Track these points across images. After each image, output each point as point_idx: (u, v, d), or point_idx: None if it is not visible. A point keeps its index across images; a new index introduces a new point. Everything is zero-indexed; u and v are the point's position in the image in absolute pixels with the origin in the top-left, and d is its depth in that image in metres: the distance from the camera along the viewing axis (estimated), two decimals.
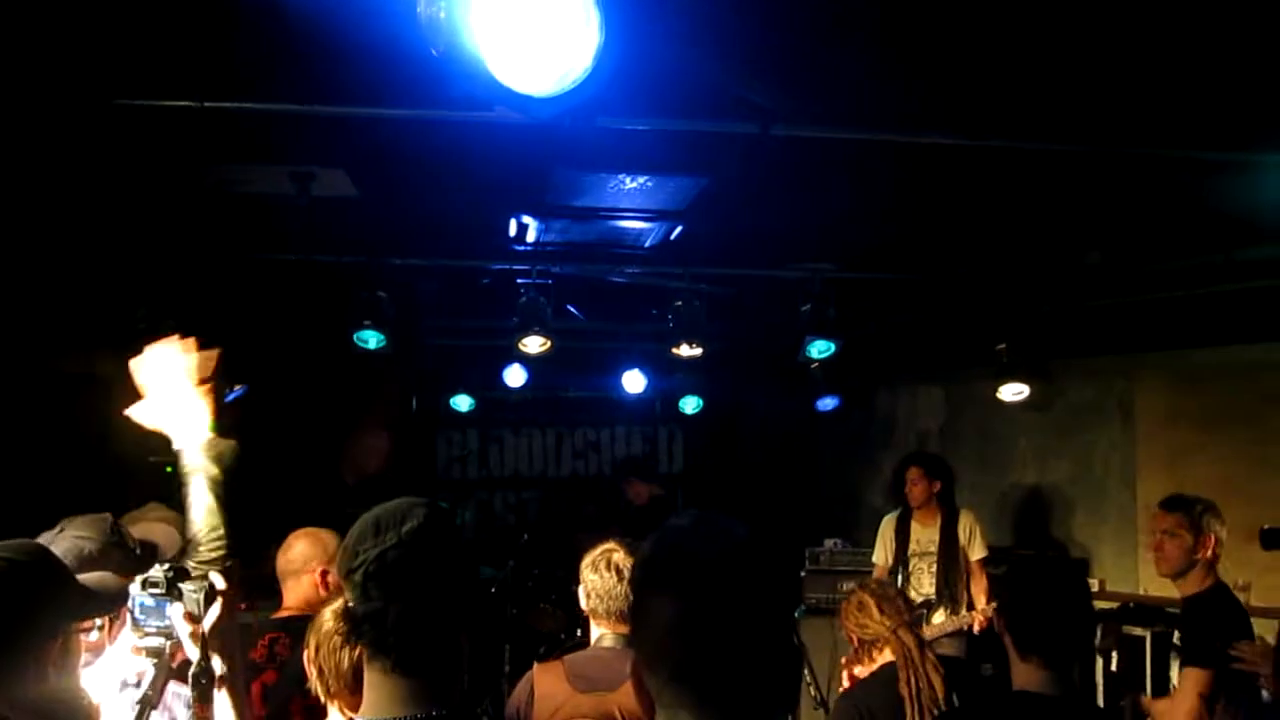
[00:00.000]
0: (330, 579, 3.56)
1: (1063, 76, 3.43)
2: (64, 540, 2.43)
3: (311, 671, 2.65)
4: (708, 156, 4.24)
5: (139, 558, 2.64)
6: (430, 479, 9.98)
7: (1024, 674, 2.63)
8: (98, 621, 2.30)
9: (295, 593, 3.63)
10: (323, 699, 2.65)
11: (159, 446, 2.68)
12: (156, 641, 2.43)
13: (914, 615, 3.53)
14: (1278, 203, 3.78)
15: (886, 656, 3.39)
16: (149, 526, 2.76)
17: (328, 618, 2.69)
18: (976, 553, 6.07)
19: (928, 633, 5.87)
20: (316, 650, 2.64)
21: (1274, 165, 3.72)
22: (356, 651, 2.59)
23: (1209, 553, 3.88)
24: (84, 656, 2.31)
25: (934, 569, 6.03)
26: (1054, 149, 3.90)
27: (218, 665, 2.39)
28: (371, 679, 1.73)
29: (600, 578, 3.12)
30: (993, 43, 3.21)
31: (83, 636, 2.17)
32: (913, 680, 3.29)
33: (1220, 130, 3.69)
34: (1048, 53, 3.25)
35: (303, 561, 3.63)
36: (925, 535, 6.13)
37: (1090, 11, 2.99)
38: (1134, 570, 6.58)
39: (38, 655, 1.92)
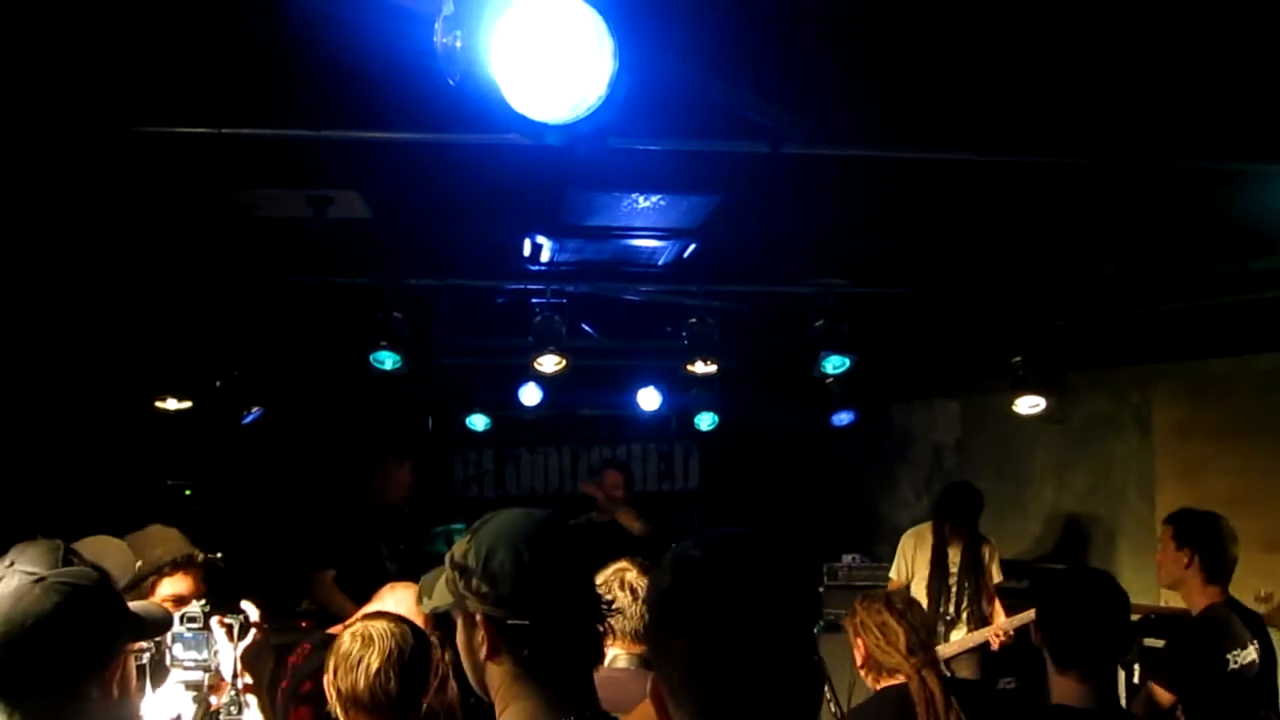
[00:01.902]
0: None
1: (1073, 90, 3.43)
2: (13, 576, 2.39)
3: (331, 694, 2.68)
4: (720, 174, 4.26)
5: None
6: (446, 499, 10.00)
7: (1063, 688, 2.60)
8: (144, 645, 2.33)
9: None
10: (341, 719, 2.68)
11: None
12: (195, 675, 2.47)
13: (932, 653, 3.30)
14: None
15: (897, 680, 3.22)
16: (102, 548, 2.76)
17: (346, 640, 2.72)
18: (994, 577, 6.11)
19: (947, 650, 5.87)
20: (335, 672, 2.67)
21: None
22: (373, 671, 2.64)
23: (1190, 569, 3.88)
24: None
25: (955, 588, 6.03)
26: (1065, 163, 3.90)
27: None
28: (524, 689, 1.75)
29: (613, 597, 3.11)
30: (1002, 58, 3.23)
31: (134, 660, 2.20)
32: None
33: (1232, 141, 3.69)
34: (1058, 67, 3.27)
35: (393, 604, 3.60)
36: (950, 555, 6.14)
37: (1099, 25, 3.01)
38: (1153, 582, 6.54)
39: (103, 675, 1.99)
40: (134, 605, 2.26)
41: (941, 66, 3.29)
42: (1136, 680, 5.68)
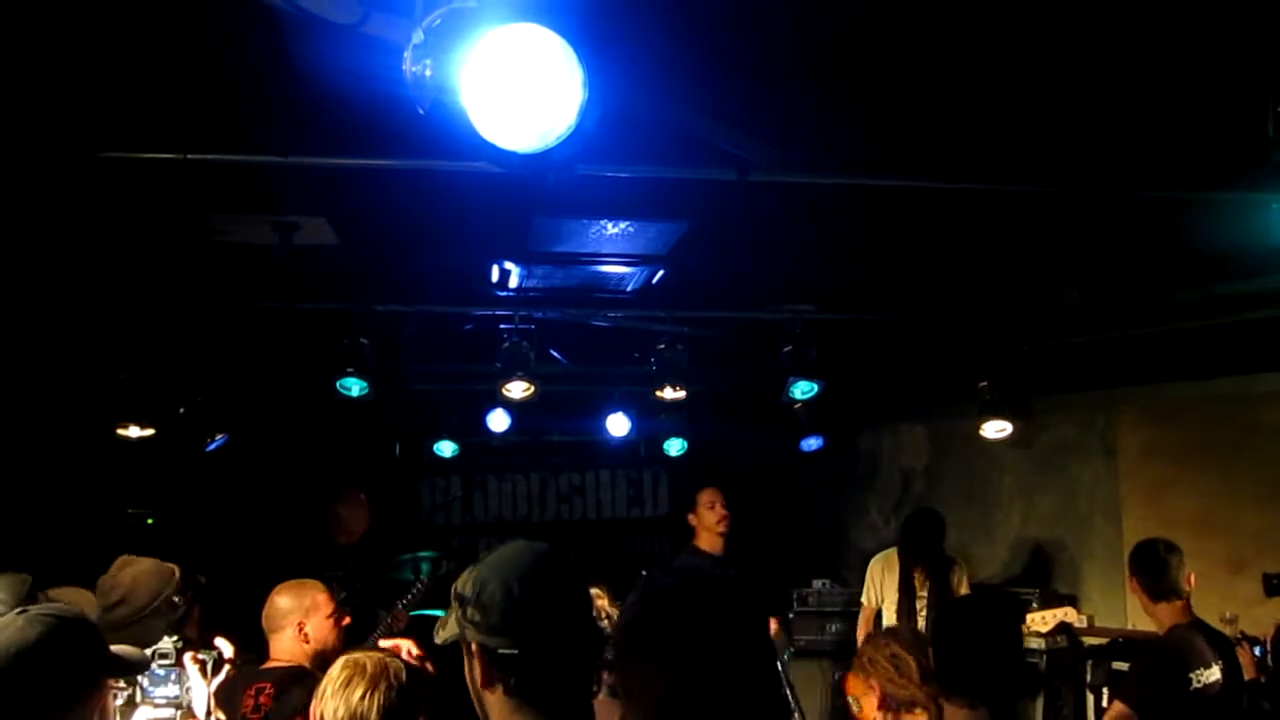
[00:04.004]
0: (308, 631, 3.62)
1: (1038, 119, 3.48)
2: None
3: (316, 709, 2.68)
4: (688, 201, 4.27)
5: None
6: (414, 526, 9.92)
7: (952, 717, 2.55)
8: (122, 684, 2.31)
9: (280, 645, 3.69)
10: None
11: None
12: (166, 713, 2.44)
13: None
14: (1251, 239, 3.83)
15: (916, 716, 3.14)
16: (69, 594, 2.75)
17: (336, 667, 2.75)
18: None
19: None
20: (320, 697, 2.68)
21: (1246, 203, 3.77)
22: (355, 700, 2.62)
23: (1138, 594, 3.98)
24: None
25: (925, 613, 6.04)
26: (1031, 190, 3.94)
27: None
28: (507, 714, 1.76)
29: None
30: (968, 88, 3.26)
31: (112, 697, 2.19)
32: None
33: (1193, 169, 3.74)
34: (1022, 97, 3.31)
35: (281, 616, 3.70)
36: (917, 580, 6.15)
37: (1063, 56, 3.05)
38: (1122, 605, 6.59)
39: (83, 709, 2.02)
40: (113, 647, 2.25)
41: (908, 96, 3.32)
42: (1105, 704, 5.70)
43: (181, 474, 7.31)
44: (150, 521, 7.31)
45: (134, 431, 5.77)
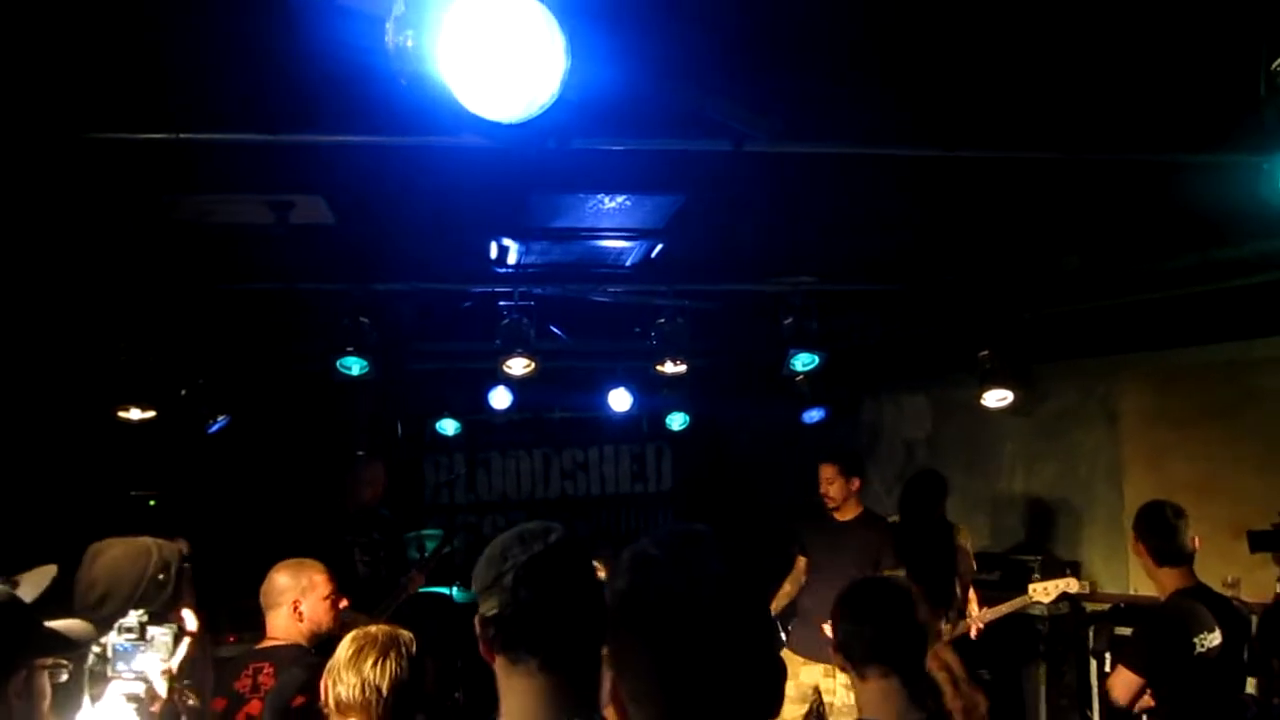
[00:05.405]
0: (302, 610, 3.64)
1: (1035, 86, 3.46)
2: None
3: (326, 686, 2.73)
4: (684, 173, 4.26)
5: None
6: (418, 504, 9.95)
7: (865, 689, 2.59)
8: (63, 662, 2.30)
9: (276, 623, 3.72)
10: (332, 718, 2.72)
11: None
12: (135, 687, 2.44)
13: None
14: (1248, 203, 3.81)
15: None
16: (32, 576, 2.74)
17: (346, 641, 2.81)
18: (969, 564, 6.13)
19: None
20: (331, 671, 2.73)
21: (1240, 165, 3.75)
22: (366, 670, 2.68)
23: (1143, 557, 3.98)
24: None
25: (929, 579, 6.04)
26: (1027, 157, 3.93)
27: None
28: (516, 685, 1.77)
29: None
30: (965, 55, 3.25)
31: (47, 676, 2.17)
32: (959, 698, 3.21)
33: (1186, 132, 3.72)
34: (1019, 63, 3.29)
35: (278, 593, 3.72)
36: (920, 546, 6.15)
37: (1059, 21, 3.03)
38: (1124, 570, 6.61)
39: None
40: (57, 623, 2.24)
41: (905, 64, 3.31)
42: (1109, 669, 5.73)
43: (183, 456, 7.33)
44: (153, 504, 7.33)
45: (135, 414, 5.76)
